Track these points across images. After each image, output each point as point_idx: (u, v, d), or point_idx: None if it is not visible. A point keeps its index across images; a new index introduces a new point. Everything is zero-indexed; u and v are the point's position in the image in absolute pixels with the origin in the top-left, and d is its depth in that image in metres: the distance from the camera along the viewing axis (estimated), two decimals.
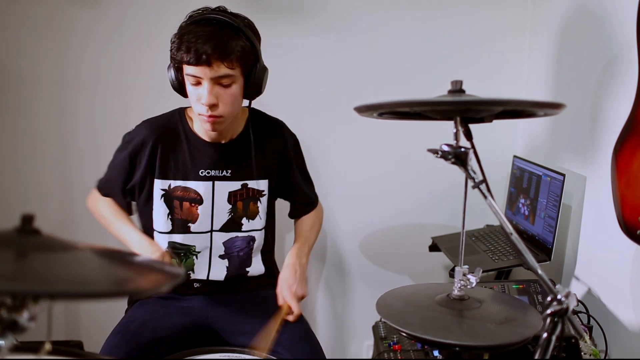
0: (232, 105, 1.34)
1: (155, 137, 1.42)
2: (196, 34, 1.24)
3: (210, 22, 1.27)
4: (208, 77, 1.27)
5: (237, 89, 1.32)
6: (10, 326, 0.58)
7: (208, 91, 1.28)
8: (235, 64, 1.28)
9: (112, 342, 1.30)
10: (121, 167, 1.44)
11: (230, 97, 1.32)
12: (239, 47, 1.27)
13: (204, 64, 1.25)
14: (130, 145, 1.42)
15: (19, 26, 1.86)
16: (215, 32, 1.25)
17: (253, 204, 1.49)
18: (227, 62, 1.26)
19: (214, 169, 1.44)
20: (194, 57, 1.24)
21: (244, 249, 1.49)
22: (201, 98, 1.30)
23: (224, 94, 1.31)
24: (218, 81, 1.29)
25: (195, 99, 1.33)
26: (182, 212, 1.44)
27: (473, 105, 0.98)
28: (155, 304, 1.44)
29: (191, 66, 1.27)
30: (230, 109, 1.34)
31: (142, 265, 0.70)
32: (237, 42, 1.27)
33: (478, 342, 0.93)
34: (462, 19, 2.05)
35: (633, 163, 1.23)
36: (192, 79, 1.30)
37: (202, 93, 1.29)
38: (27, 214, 0.63)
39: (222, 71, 1.27)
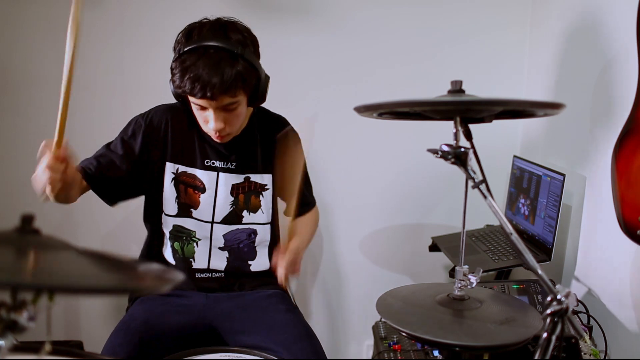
0: (238, 123, 1.39)
1: (170, 120, 1.45)
2: (198, 68, 1.24)
3: (208, 52, 1.26)
4: (214, 107, 1.31)
5: (242, 109, 1.36)
6: (10, 326, 0.58)
7: (214, 119, 1.32)
8: (239, 92, 1.31)
9: (114, 341, 1.31)
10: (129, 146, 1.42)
11: (236, 118, 1.36)
12: (240, 76, 1.28)
13: (209, 99, 1.27)
14: (146, 125, 1.44)
15: (19, 26, 1.87)
16: (216, 65, 1.25)
17: (255, 197, 1.50)
18: (231, 93, 1.28)
19: (219, 160, 1.47)
20: (200, 93, 1.25)
21: (244, 241, 1.50)
22: (208, 122, 1.34)
23: (230, 117, 1.35)
24: (223, 108, 1.32)
25: (202, 121, 1.37)
26: (186, 196, 1.46)
27: (473, 105, 0.98)
28: (156, 302, 1.44)
29: (195, 98, 1.29)
30: (236, 126, 1.39)
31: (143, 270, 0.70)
32: (237, 71, 1.27)
33: (478, 342, 0.93)
34: (462, 19, 2.05)
35: (633, 163, 1.23)
36: (197, 106, 1.33)
37: (209, 117, 1.33)
38: (27, 214, 0.63)
39: (226, 101, 1.30)
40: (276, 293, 1.53)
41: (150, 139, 1.44)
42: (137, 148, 1.42)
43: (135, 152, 1.42)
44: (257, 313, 1.43)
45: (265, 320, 1.41)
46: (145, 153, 1.43)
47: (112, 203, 1.45)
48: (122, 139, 1.44)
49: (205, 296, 1.47)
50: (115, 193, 1.44)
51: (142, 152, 1.43)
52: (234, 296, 1.49)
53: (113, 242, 2.02)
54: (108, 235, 2.04)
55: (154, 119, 1.46)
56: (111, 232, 2.03)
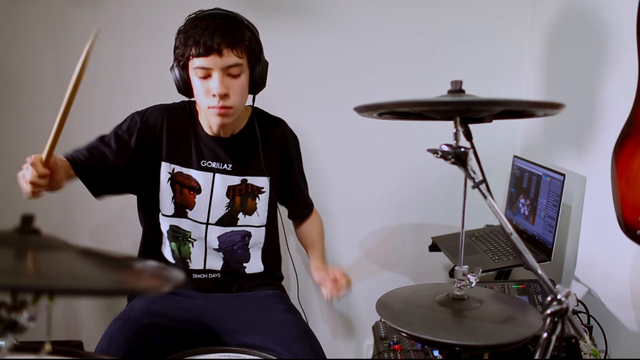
0: (241, 96, 1.37)
1: (167, 120, 1.45)
2: (203, 27, 1.28)
3: (214, 16, 1.31)
4: (218, 67, 1.30)
5: (245, 80, 1.36)
6: (10, 326, 0.58)
7: (219, 81, 1.31)
8: (244, 53, 1.32)
9: (112, 327, 1.31)
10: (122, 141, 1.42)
11: (239, 88, 1.35)
12: (247, 37, 1.32)
13: (215, 52, 1.27)
14: (142, 123, 1.44)
15: (19, 26, 1.86)
16: (221, 23, 1.29)
17: (251, 200, 1.50)
18: (237, 50, 1.30)
19: (216, 161, 1.46)
20: (204, 47, 1.27)
21: (238, 243, 1.50)
22: (211, 90, 1.32)
23: (233, 84, 1.34)
24: (227, 71, 1.32)
25: (204, 93, 1.34)
26: (181, 197, 1.46)
27: (473, 106, 0.98)
28: (156, 298, 1.44)
29: (200, 58, 1.29)
30: (240, 100, 1.37)
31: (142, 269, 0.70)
32: (244, 32, 1.32)
33: (478, 342, 0.93)
34: (462, 19, 2.05)
35: (633, 163, 1.23)
36: (201, 71, 1.32)
37: (213, 84, 1.32)
38: (27, 214, 0.63)
39: (232, 60, 1.30)
40: (275, 293, 1.53)
41: (145, 137, 1.43)
42: (131, 144, 1.42)
43: (128, 148, 1.42)
44: (256, 313, 1.43)
45: (264, 321, 1.41)
46: (138, 150, 1.42)
47: (98, 195, 1.42)
48: (116, 134, 1.43)
49: (204, 296, 1.47)
50: (102, 186, 1.42)
51: (135, 149, 1.42)
52: (233, 297, 1.49)
53: (111, 242, 2.02)
54: (109, 235, 2.04)
55: (150, 117, 1.45)
56: (110, 231, 2.03)
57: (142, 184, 1.46)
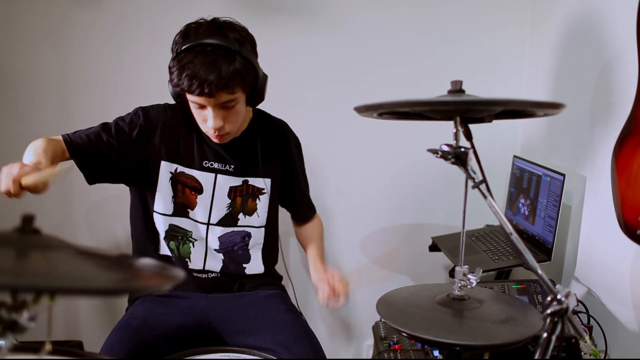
0: (237, 122, 1.38)
1: (169, 120, 1.45)
2: (195, 66, 1.25)
3: (205, 50, 1.26)
4: (212, 105, 1.31)
5: (241, 106, 1.36)
6: (10, 326, 0.58)
7: (213, 117, 1.32)
8: (237, 89, 1.30)
9: (114, 339, 1.30)
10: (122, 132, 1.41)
11: (235, 116, 1.36)
12: (238, 73, 1.28)
13: (207, 96, 1.27)
14: (144, 119, 1.43)
15: (19, 26, 1.86)
16: (213, 62, 1.25)
17: (252, 201, 1.50)
18: (229, 89, 1.28)
19: (218, 162, 1.46)
20: (197, 90, 1.25)
21: (238, 243, 1.50)
22: (207, 120, 1.33)
23: (229, 114, 1.34)
24: (222, 105, 1.32)
25: (201, 120, 1.37)
26: (183, 196, 1.46)
27: (473, 105, 0.98)
28: (156, 302, 1.44)
29: (194, 96, 1.29)
30: (236, 125, 1.39)
31: (142, 267, 0.70)
32: (234, 67, 1.27)
33: (478, 342, 0.93)
34: (462, 18, 2.05)
35: (633, 163, 1.23)
36: (196, 104, 1.33)
37: (207, 115, 1.33)
38: (27, 214, 0.63)
39: (224, 98, 1.30)
40: (275, 293, 1.53)
41: (145, 134, 1.43)
42: (131, 137, 1.42)
43: (128, 139, 1.41)
44: (256, 313, 1.43)
45: (265, 321, 1.41)
46: (137, 144, 1.42)
47: (92, 181, 1.42)
48: (118, 124, 1.43)
49: (204, 297, 1.47)
50: (97, 172, 1.41)
51: (134, 142, 1.42)
52: (234, 297, 1.49)
53: (111, 242, 2.02)
54: (109, 235, 2.04)
55: (152, 114, 1.45)
56: (110, 231, 2.03)
57: (137, 180, 1.46)
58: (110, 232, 2.03)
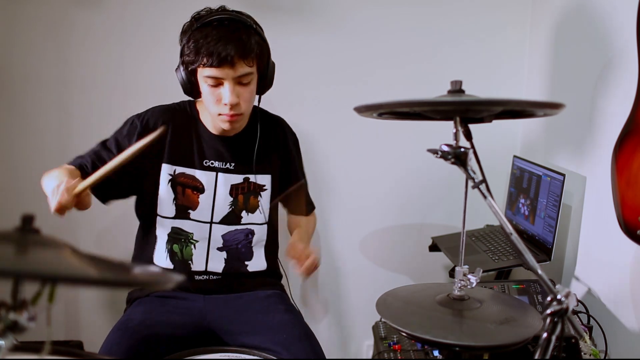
0: (251, 101, 1.39)
1: (168, 121, 1.45)
2: (214, 37, 1.26)
3: (223, 23, 1.29)
4: (230, 78, 1.30)
5: (254, 86, 1.37)
6: (10, 326, 0.58)
7: (230, 91, 1.32)
8: (254, 62, 1.32)
9: (112, 340, 1.30)
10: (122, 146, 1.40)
11: (249, 94, 1.36)
12: (257, 44, 1.32)
13: (227, 65, 1.27)
14: (142, 126, 1.43)
15: (19, 26, 1.86)
16: (232, 33, 1.28)
17: (253, 198, 1.50)
18: (248, 60, 1.30)
19: (219, 160, 1.47)
20: (217, 59, 1.26)
21: (242, 241, 1.50)
22: (222, 98, 1.33)
23: (244, 92, 1.34)
24: (239, 80, 1.32)
25: (214, 100, 1.35)
26: (183, 198, 1.46)
27: (473, 106, 0.98)
28: (154, 303, 1.44)
29: (212, 68, 1.29)
30: (249, 105, 1.39)
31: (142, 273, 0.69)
32: (254, 39, 1.31)
33: (478, 342, 0.93)
34: (462, 19, 2.05)
35: (633, 163, 1.23)
36: (212, 80, 1.32)
37: (224, 93, 1.32)
38: (27, 214, 0.63)
39: (243, 70, 1.30)
40: (275, 293, 1.53)
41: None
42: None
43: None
44: (256, 314, 1.43)
45: (264, 321, 1.41)
46: (139, 154, 1.42)
47: (105, 201, 1.44)
48: (117, 139, 1.43)
49: (203, 298, 1.47)
50: (108, 191, 1.42)
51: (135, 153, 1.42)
52: (233, 298, 1.49)
53: (111, 242, 2.02)
54: (106, 234, 2.04)
55: (150, 120, 1.45)
56: (109, 232, 2.03)
57: (141, 187, 1.46)
58: (111, 232, 2.03)
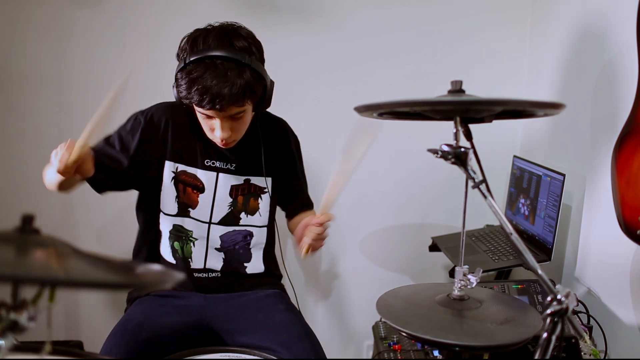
0: (243, 130, 1.40)
1: (170, 119, 1.45)
2: (205, 81, 1.24)
3: (215, 63, 1.26)
4: (221, 117, 1.32)
5: (248, 116, 1.37)
6: (10, 326, 0.58)
7: (221, 128, 1.33)
8: (247, 101, 1.31)
9: (112, 342, 1.30)
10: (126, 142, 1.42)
11: (242, 125, 1.38)
12: (248, 87, 1.28)
13: (217, 110, 1.28)
14: (145, 122, 1.43)
15: (19, 26, 1.86)
16: (224, 77, 1.25)
17: (254, 200, 1.50)
18: (239, 103, 1.29)
19: (220, 160, 1.47)
20: (209, 105, 1.26)
21: (240, 242, 1.50)
22: (214, 130, 1.35)
23: (236, 125, 1.36)
24: (231, 117, 1.33)
25: (208, 129, 1.37)
26: (184, 196, 1.46)
27: (473, 105, 0.98)
28: (154, 303, 1.44)
29: (203, 109, 1.29)
30: (242, 133, 1.40)
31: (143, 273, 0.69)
32: (245, 81, 1.27)
33: (478, 342, 0.93)
34: (462, 18, 2.05)
35: (633, 163, 1.23)
36: (204, 115, 1.34)
37: (215, 125, 1.34)
38: (27, 214, 0.63)
39: (234, 111, 1.31)
40: (275, 293, 1.53)
41: (149, 137, 1.43)
42: (134, 144, 1.41)
43: (132, 148, 1.41)
44: (256, 313, 1.43)
45: (264, 321, 1.41)
46: (142, 150, 1.42)
47: (100, 191, 1.43)
48: (120, 134, 1.43)
49: (203, 297, 1.47)
50: (105, 183, 1.42)
51: (138, 148, 1.42)
52: (233, 297, 1.49)
53: (111, 240, 2.02)
54: (106, 233, 2.04)
55: (154, 116, 1.45)
56: (109, 231, 2.03)
57: (145, 183, 1.46)
58: (111, 232, 2.03)
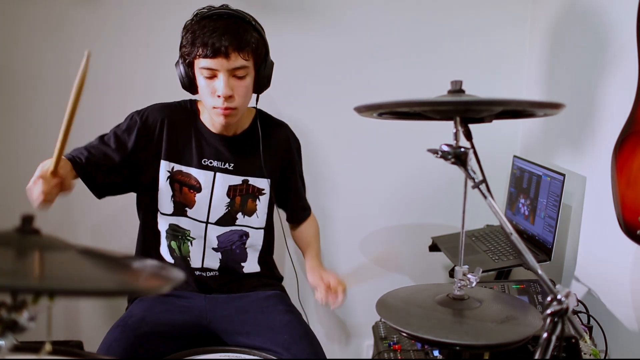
0: (245, 97, 1.38)
1: (167, 119, 1.45)
2: (211, 28, 1.28)
3: (222, 17, 1.31)
4: (224, 69, 1.31)
5: (250, 81, 1.37)
6: (10, 326, 0.58)
7: (224, 83, 1.32)
8: (250, 56, 1.33)
9: (112, 336, 1.31)
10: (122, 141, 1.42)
11: (244, 89, 1.36)
12: (254, 39, 1.33)
13: (222, 55, 1.28)
14: (141, 122, 1.43)
15: (19, 26, 1.86)
16: (230, 25, 1.29)
17: (252, 201, 1.50)
18: (243, 53, 1.31)
19: (217, 159, 1.46)
20: (211, 49, 1.27)
21: (236, 242, 1.51)
22: (216, 90, 1.33)
23: (238, 85, 1.34)
24: (233, 73, 1.32)
25: (209, 93, 1.35)
26: (180, 195, 1.46)
27: (473, 105, 0.98)
28: (155, 301, 1.44)
29: (207, 59, 1.30)
30: (244, 101, 1.39)
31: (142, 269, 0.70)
32: (251, 34, 1.32)
33: (478, 342, 0.93)
34: (462, 18, 2.05)
35: (633, 163, 1.23)
36: (207, 72, 1.32)
37: (218, 85, 1.33)
38: (27, 214, 0.63)
39: (238, 62, 1.31)
40: (275, 294, 1.53)
41: (145, 137, 1.43)
42: (130, 144, 1.42)
43: (128, 147, 1.41)
44: (256, 314, 1.43)
45: (264, 321, 1.41)
46: (138, 150, 1.42)
47: (100, 196, 1.43)
48: (116, 133, 1.43)
49: (204, 298, 1.47)
50: (104, 186, 1.42)
51: (134, 148, 1.42)
52: (233, 298, 1.49)
53: (111, 241, 2.02)
54: (106, 233, 2.04)
55: (149, 116, 1.45)
56: (109, 231, 2.03)
57: (141, 183, 1.46)
58: (111, 231, 2.03)
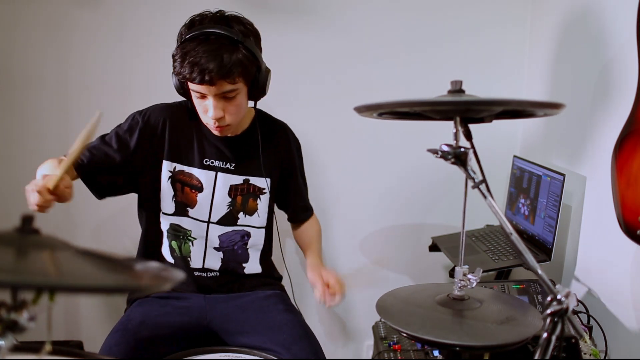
0: (238, 114, 1.38)
1: (168, 119, 1.45)
2: (197, 54, 1.26)
3: (209, 39, 1.27)
4: (213, 94, 1.31)
5: (241, 98, 1.36)
6: (10, 326, 0.58)
7: (214, 106, 1.32)
8: (238, 79, 1.31)
9: (111, 341, 1.30)
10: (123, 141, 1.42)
11: (235, 108, 1.36)
12: (239, 63, 1.29)
13: (207, 84, 1.27)
14: (144, 122, 1.43)
15: (19, 26, 1.86)
16: (215, 51, 1.26)
17: (252, 200, 1.50)
18: (230, 79, 1.29)
19: (219, 159, 1.46)
20: (198, 77, 1.26)
21: (238, 242, 1.51)
22: (207, 111, 1.34)
23: (229, 105, 1.34)
24: (223, 95, 1.32)
25: (202, 111, 1.37)
26: (182, 195, 1.46)
27: (473, 105, 0.98)
28: (154, 304, 1.44)
29: (195, 84, 1.29)
30: (236, 117, 1.38)
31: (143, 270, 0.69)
32: (237, 57, 1.28)
33: (478, 342, 0.93)
34: (462, 18, 2.05)
35: (633, 163, 1.23)
36: (197, 94, 1.33)
37: (208, 106, 1.33)
38: (27, 214, 0.62)
39: (225, 88, 1.30)
40: (275, 294, 1.53)
41: (147, 137, 1.43)
42: (132, 144, 1.42)
43: (130, 147, 1.42)
44: (256, 314, 1.43)
45: (264, 321, 1.41)
46: (140, 150, 1.42)
47: (101, 197, 1.43)
48: (117, 134, 1.43)
49: (203, 298, 1.47)
50: (105, 187, 1.42)
51: (136, 148, 1.42)
52: (232, 297, 1.49)
53: (111, 242, 2.02)
54: (106, 233, 2.04)
55: (151, 116, 1.45)
56: (109, 231, 2.03)
57: (143, 183, 1.46)
58: (111, 232, 2.03)
